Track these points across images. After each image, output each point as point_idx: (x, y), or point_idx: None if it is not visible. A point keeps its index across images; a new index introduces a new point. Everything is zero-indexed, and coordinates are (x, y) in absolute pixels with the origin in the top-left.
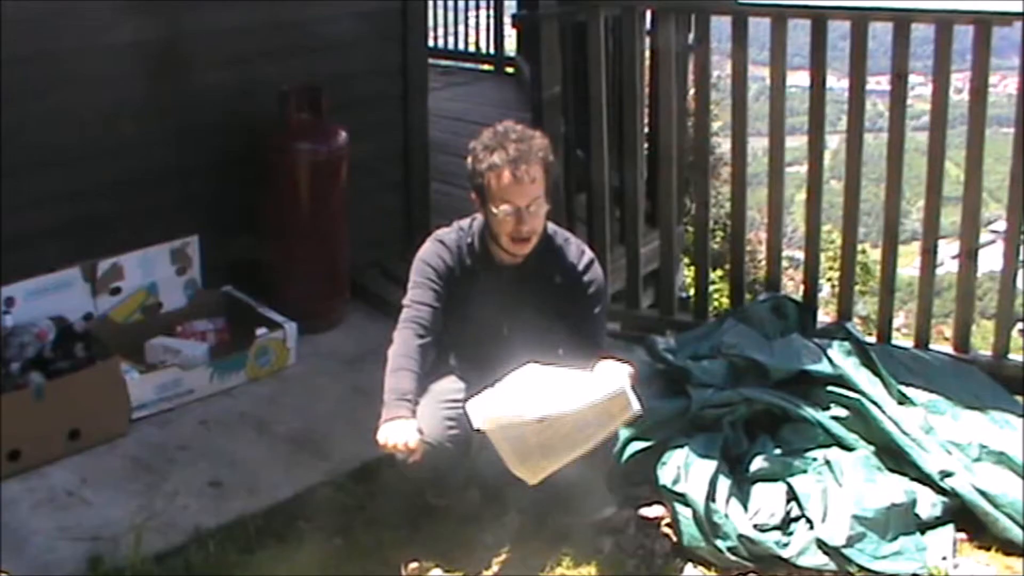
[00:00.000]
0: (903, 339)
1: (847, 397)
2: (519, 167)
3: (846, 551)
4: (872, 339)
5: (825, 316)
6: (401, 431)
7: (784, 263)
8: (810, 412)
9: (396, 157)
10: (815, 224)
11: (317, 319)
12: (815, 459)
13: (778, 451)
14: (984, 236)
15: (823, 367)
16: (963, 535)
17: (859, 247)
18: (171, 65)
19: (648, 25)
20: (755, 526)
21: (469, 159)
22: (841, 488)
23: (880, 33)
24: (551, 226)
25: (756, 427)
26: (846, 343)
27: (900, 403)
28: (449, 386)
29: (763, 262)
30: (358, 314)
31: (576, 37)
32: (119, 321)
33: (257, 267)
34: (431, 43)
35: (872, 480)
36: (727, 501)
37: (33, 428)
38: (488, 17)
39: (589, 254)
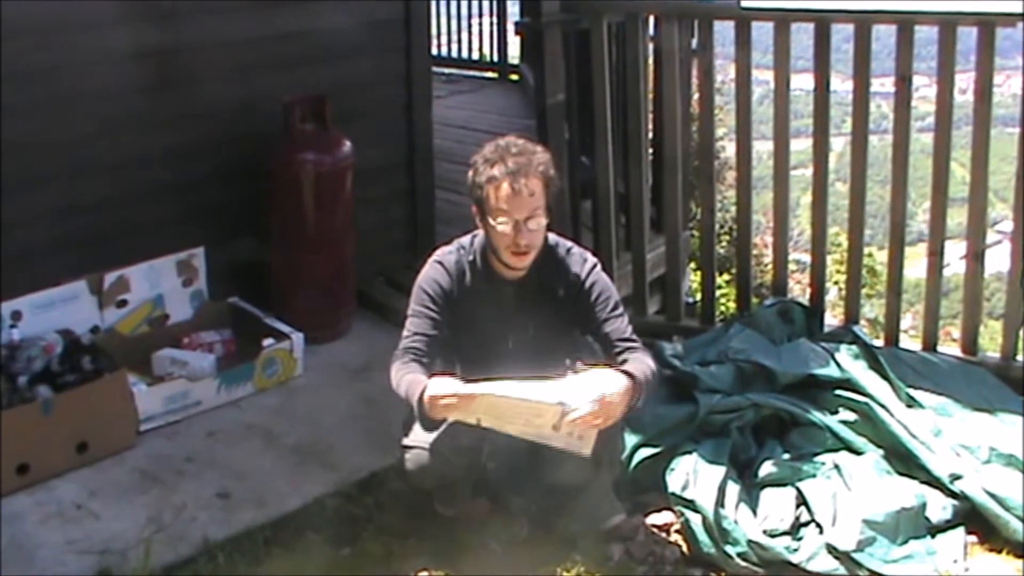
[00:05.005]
0: (911, 341)
1: (855, 401)
2: (518, 180)
3: (856, 555)
4: (880, 342)
5: (832, 319)
6: (443, 383)
7: (791, 266)
8: (818, 416)
9: (401, 166)
10: (821, 227)
11: (323, 329)
12: (824, 463)
13: (787, 456)
14: (991, 236)
15: (831, 371)
16: (974, 538)
17: (865, 249)
18: (174, 77)
19: (651, 31)
20: (765, 531)
21: (470, 172)
22: (850, 492)
23: (884, 35)
24: (553, 238)
25: (764, 432)
26: (853, 346)
27: (909, 406)
28: None
29: (769, 266)
30: (364, 323)
31: (579, 44)
32: (126, 333)
33: (263, 278)
34: (435, 51)
35: (881, 484)
36: (736, 507)
37: (41, 441)
38: (491, 25)
39: (591, 260)
